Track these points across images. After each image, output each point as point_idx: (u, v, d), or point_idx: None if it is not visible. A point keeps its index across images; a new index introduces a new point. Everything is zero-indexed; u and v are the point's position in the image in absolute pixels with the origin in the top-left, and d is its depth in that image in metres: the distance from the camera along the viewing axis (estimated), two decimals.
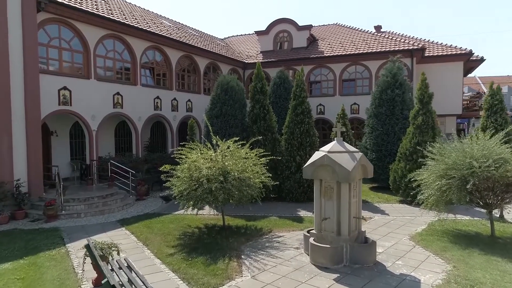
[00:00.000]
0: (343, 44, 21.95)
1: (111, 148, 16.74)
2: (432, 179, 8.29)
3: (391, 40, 20.72)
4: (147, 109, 16.14)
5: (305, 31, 23.16)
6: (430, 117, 12.15)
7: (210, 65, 20.76)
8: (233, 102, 13.08)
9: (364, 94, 20.55)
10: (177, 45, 17.66)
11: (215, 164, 8.41)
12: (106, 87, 14.23)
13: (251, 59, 23.45)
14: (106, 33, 14.17)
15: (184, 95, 18.53)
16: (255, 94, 12.94)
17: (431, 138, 11.99)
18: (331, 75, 21.41)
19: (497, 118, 16.22)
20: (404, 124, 14.25)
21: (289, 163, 12.57)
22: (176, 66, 17.95)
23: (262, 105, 12.87)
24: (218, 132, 12.90)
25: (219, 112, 13.04)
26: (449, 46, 20.79)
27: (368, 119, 15.22)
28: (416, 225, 9.59)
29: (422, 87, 12.31)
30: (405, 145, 12.34)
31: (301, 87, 12.79)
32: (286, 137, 12.84)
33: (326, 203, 6.99)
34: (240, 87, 13.42)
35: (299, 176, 12.36)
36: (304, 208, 11.57)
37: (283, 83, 18.21)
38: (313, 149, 12.63)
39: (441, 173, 8.27)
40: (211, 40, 24.07)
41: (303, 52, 22.46)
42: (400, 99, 14.34)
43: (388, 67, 14.99)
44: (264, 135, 12.75)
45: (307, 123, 12.62)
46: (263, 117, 12.83)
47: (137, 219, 10.42)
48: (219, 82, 13.29)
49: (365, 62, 20.44)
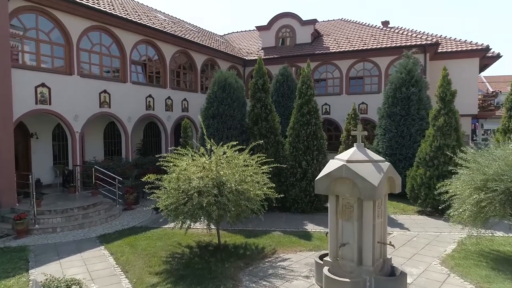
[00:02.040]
0: (349, 40, 20.57)
1: (99, 152, 15.40)
2: (469, 192, 6.92)
3: (401, 35, 19.34)
4: (138, 108, 14.79)
5: (309, 26, 21.80)
6: (453, 118, 10.79)
7: (208, 62, 19.41)
8: (231, 100, 11.73)
9: (373, 93, 19.19)
10: (171, 40, 16.32)
11: (208, 174, 7.06)
12: (92, 84, 12.89)
13: (252, 56, 22.11)
14: (92, 25, 12.82)
15: (180, 94, 17.18)
16: (256, 91, 11.58)
17: (454, 141, 10.65)
18: (337, 72, 20.04)
19: None
20: (421, 126, 12.90)
21: (294, 169, 11.21)
22: (170, 63, 16.60)
23: (263, 104, 11.51)
24: (215, 134, 11.56)
25: (215, 112, 11.69)
26: (464, 42, 19.40)
27: (380, 119, 13.85)
28: (444, 243, 8.22)
29: (444, 84, 10.96)
30: (424, 149, 10.97)
31: (308, 84, 11.43)
32: (291, 140, 11.48)
33: (344, 224, 5.62)
34: (239, 84, 12.06)
35: (305, 184, 11.00)
36: (311, 221, 10.21)
37: (286, 81, 16.85)
38: (321, 153, 11.29)
39: (479, 185, 6.91)
40: (210, 36, 22.73)
41: (307, 48, 21.09)
42: (416, 98, 12.97)
43: (402, 62, 13.62)
44: (266, 137, 11.39)
45: (314, 124, 11.26)
46: (265, 118, 11.47)
47: (121, 235, 9.07)
48: (216, 78, 11.93)
49: (374, 59, 19.05)
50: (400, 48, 18.07)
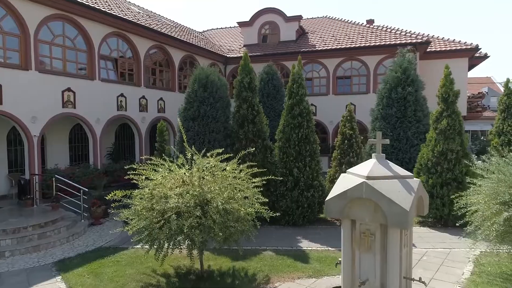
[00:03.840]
0: (336, 38, 19.66)
1: (63, 158, 13.74)
2: (497, 208, 5.96)
3: (390, 33, 18.58)
4: (108, 109, 13.25)
5: (293, 23, 20.75)
6: (456, 120, 9.90)
7: (186, 59, 18.00)
8: (214, 100, 10.46)
9: (361, 93, 18.35)
10: (146, 34, 14.85)
11: (188, 189, 5.78)
12: (53, 81, 11.29)
13: (233, 53, 20.84)
14: (53, 13, 11.23)
15: (155, 93, 15.71)
16: (242, 90, 10.36)
17: (458, 146, 9.78)
18: (324, 71, 19.08)
19: None
20: (418, 128, 12.04)
21: (284, 177, 10.04)
22: (145, 59, 15.13)
23: (250, 104, 10.30)
24: (195, 139, 10.28)
25: (196, 113, 10.38)
26: (453, 41, 18.86)
27: (373, 121, 12.90)
28: (458, 263, 7.25)
29: (447, 84, 10.06)
30: (426, 155, 10.05)
31: (299, 83, 10.31)
32: (281, 144, 10.32)
33: (363, 256, 4.48)
34: (223, 82, 10.81)
35: (297, 194, 9.86)
36: (305, 236, 9.08)
37: (272, 80, 15.79)
38: (314, 159, 10.18)
39: (506, 199, 5.97)
40: (188, 32, 21.29)
41: (292, 45, 20.03)
42: (413, 98, 12.09)
43: (397, 60, 12.72)
44: (253, 142, 10.19)
45: (307, 127, 10.14)
46: (252, 120, 10.27)
47: (84, 259, 7.63)
48: (196, 75, 10.62)
49: (362, 57, 18.20)
50: (390, 46, 17.34)
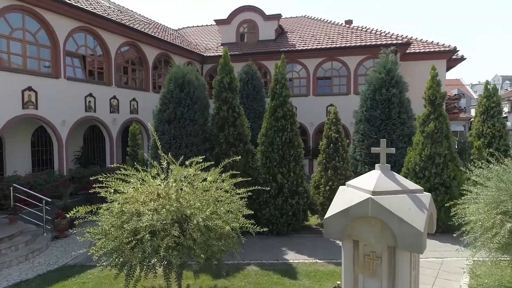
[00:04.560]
0: (316, 37, 19.28)
1: (25, 164, 12.56)
2: (500, 218, 5.58)
3: (370, 33, 18.38)
4: (74, 110, 12.22)
5: (273, 22, 20.21)
6: (444, 123, 9.64)
7: (161, 57, 17.10)
8: (192, 101, 9.71)
9: (342, 94, 18.04)
10: (117, 29, 13.87)
11: (165, 203, 5.05)
12: (11, 79, 10.21)
13: (211, 52, 20.08)
14: (10, 4, 10.15)
15: (128, 93, 14.75)
16: (222, 91, 9.67)
17: (446, 149, 9.51)
18: (304, 72, 18.65)
19: (494, 123, 14.31)
20: (403, 131, 11.73)
21: (267, 183, 9.45)
22: (116, 56, 14.14)
23: (231, 106, 9.64)
24: (171, 143, 9.50)
25: (172, 115, 9.60)
26: (431, 43, 18.88)
27: (357, 123, 12.51)
28: (453, 274, 6.89)
29: (434, 85, 9.81)
30: (413, 159, 9.73)
31: (282, 83, 9.75)
32: (263, 148, 9.72)
33: (367, 281, 3.92)
34: (201, 82, 10.07)
35: (281, 201, 9.29)
36: (290, 247, 8.51)
37: (251, 80, 15.16)
38: (298, 164, 9.65)
39: (509, 208, 5.62)
40: (163, 29, 20.33)
41: (271, 45, 19.50)
42: (398, 100, 11.77)
43: (380, 61, 12.39)
44: (234, 146, 9.54)
45: (291, 130, 9.59)
46: (233, 122, 9.60)
47: (44, 281, 6.74)
48: (172, 74, 9.84)
49: (343, 58, 17.90)
50: (370, 47, 17.12)
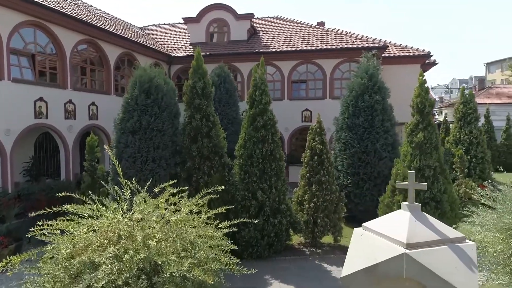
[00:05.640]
0: (290, 39, 18.51)
1: None
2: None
3: (345, 36, 17.87)
4: (22, 116, 10.61)
5: (245, 21, 19.23)
6: (433, 133, 9.08)
7: (124, 57, 15.63)
8: (160, 109, 8.53)
9: (318, 99, 17.39)
10: (73, 25, 12.34)
11: (128, 248, 3.93)
12: None
13: (179, 52, 18.78)
14: None
15: (86, 96, 13.22)
16: (194, 97, 8.58)
17: (436, 161, 8.96)
18: (278, 74, 17.83)
19: (471, 130, 14.17)
20: (386, 139, 11.16)
21: (246, 201, 8.47)
22: (72, 55, 12.60)
23: (204, 114, 8.56)
24: (136, 157, 8.28)
25: (136, 125, 8.37)
26: (405, 47, 18.69)
27: (338, 131, 11.83)
28: None
29: (422, 93, 9.21)
30: (401, 171, 9.10)
31: (262, 89, 8.82)
32: (241, 162, 8.73)
33: None
34: (170, 87, 8.90)
35: (262, 221, 8.34)
36: (273, 274, 7.59)
37: (224, 83, 14.13)
38: (280, 179, 8.74)
39: None
40: (126, 27, 18.77)
41: (244, 45, 18.51)
42: (381, 107, 11.20)
43: (362, 65, 11.77)
44: (209, 159, 8.48)
45: (272, 142, 8.67)
46: (207, 133, 8.53)
47: None
48: (137, 78, 8.60)
49: (318, 61, 17.25)
50: (346, 50, 16.58)
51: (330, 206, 8.86)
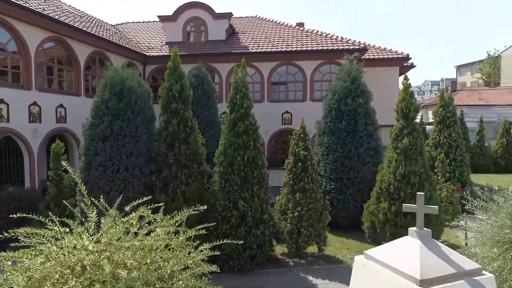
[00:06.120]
0: (270, 40, 18.13)
1: None
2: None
3: (325, 38, 17.65)
4: None
5: (223, 21, 18.69)
6: (418, 138, 8.91)
7: (95, 56, 14.77)
8: (133, 113, 7.91)
9: (298, 101, 17.09)
10: (38, 21, 11.45)
11: (94, 277, 3.37)
12: None
13: (154, 51, 18.03)
14: None
15: (53, 98, 12.34)
16: (170, 101, 8.01)
17: (421, 167, 8.77)
18: (258, 76, 17.41)
19: (451, 133, 14.22)
20: (369, 144, 10.94)
21: (227, 211, 7.98)
22: (37, 54, 11.69)
23: (182, 119, 8.01)
24: (106, 166, 7.64)
25: (108, 131, 7.71)
26: (384, 49, 18.69)
27: (321, 135, 11.52)
28: None
29: (407, 97, 9.03)
30: (386, 177, 8.87)
31: (243, 93, 8.37)
32: (222, 170, 8.22)
33: None
34: (145, 89, 8.29)
35: (244, 233, 7.86)
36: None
37: (202, 84, 13.54)
38: (263, 187, 8.30)
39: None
40: (98, 24, 17.82)
41: (222, 45, 17.97)
42: (364, 111, 10.97)
43: (345, 68, 11.52)
44: (187, 167, 7.93)
45: (254, 148, 8.21)
46: (184, 139, 7.98)
47: None
48: (108, 80, 7.94)
49: (299, 62, 16.95)
50: (327, 52, 16.36)
51: (315, 215, 8.50)
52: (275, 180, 12.92)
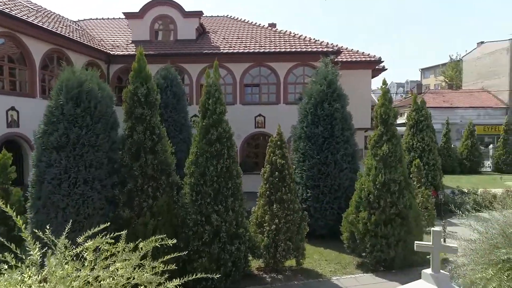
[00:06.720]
0: (242, 40, 17.57)
1: None
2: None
3: (299, 39, 17.32)
4: None
5: (193, 19, 17.92)
6: (397, 145, 8.65)
7: (52, 54, 13.59)
8: (93, 120, 7.07)
9: (271, 104, 16.66)
10: None
11: None
12: None
13: (119, 50, 16.97)
14: None
15: (3, 100, 11.16)
16: (135, 106, 7.25)
17: (401, 175, 8.51)
18: (230, 77, 16.79)
19: (424, 137, 14.26)
20: (346, 150, 10.63)
21: (198, 226, 7.32)
22: None
23: (148, 126, 7.27)
24: (61, 179, 6.78)
25: (63, 139, 6.83)
26: (356, 52, 18.61)
27: (296, 141, 11.09)
28: None
29: (386, 103, 8.75)
30: (366, 186, 8.54)
31: (216, 97, 7.76)
32: (193, 181, 7.55)
33: None
34: (106, 93, 7.46)
35: (218, 249, 7.24)
36: None
37: (171, 86, 12.80)
38: (237, 199, 7.72)
39: None
40: (57, 19, 16.53)
41: (193, 45, 17.20)
42: (340, 116, 10.65)
43: (321, 71, 11.16)
44: (154, 179, 7.21)
45: (228, 157, 7.61)
46: (151, 148, 7.25)
47: None
48: (63, 82, 7.04)
49: (272, 64, 16.50)
50: (300, 54, 16.03)
51: (293, 227, 8.02)
52: (248, 185, 12.37)
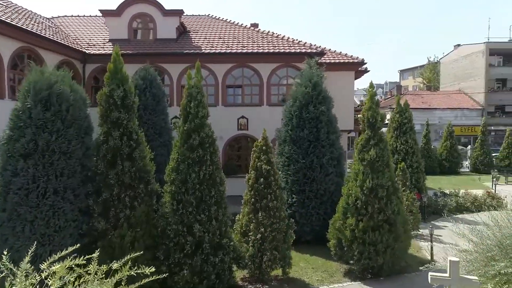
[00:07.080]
0: (224, 40, 17.16)
1: None
2: None
3: (282, 40, 17.06)
4: None
5: (173, 18, 17.37)
6: (385, 149, 8.47)
7: (23, 52, 12.83)
8: (64, 124, 6.53)
9: (255, 105, 16.34)
10: None
11: None
12: None
13: (95, 49, 16.26)
14: None
15: None
16: (111, 109, 6.76)
17: (389, 180, 8.32)
18: (212, 78, 16.36)
19: (407, 139, 14.26)
20: (332, 153, 10.40)
21: (180, 237, 6.91)
22: None
23: (125, 131, 6.80)
24: (29, 189, 6.23)
25: (31, 146, 6.28)
26: (339, 53, 18.50)
27: (281, 145, 10.79)
28: None
29: (373, 106, 8.55)
30: (353, 191, 8.31)
31: (198, 100, 7.36)
32: (174, 189, 7.13)
33: None
34: (79, 95, 6.92)
35: (200, 261, 6.85)
36: None
37: (150, 87, 12.28)
38: (221, 207, 7.34)
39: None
40: (29, 16, 15.66)
41: (173, 45, 16.68)
42: (326, 119, 10.42)
43: (306, 73, 10.89)
44: (132, 188, 6.74)
45: (211, 163, 7.22)
46: (129, 155, 6.78)
47: None
48: (31, 84, 6.48)
49: (255, 65, 16.18)
50: (284, 55, 15.77)
51: (279, 235, 7.71)
52: (231, 189, 12.01)
